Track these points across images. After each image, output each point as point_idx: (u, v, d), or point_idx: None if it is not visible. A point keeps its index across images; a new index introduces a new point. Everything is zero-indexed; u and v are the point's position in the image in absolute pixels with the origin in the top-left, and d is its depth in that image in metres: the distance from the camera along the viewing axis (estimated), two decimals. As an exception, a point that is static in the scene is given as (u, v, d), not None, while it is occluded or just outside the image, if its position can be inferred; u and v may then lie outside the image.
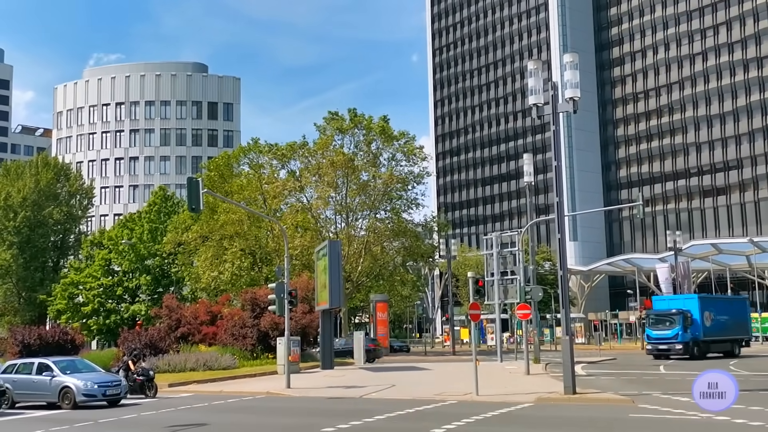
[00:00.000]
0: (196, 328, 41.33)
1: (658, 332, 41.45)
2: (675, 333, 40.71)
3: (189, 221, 56.76)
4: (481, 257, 54.92)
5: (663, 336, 41.09)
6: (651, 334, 42.19)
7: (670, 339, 40.75)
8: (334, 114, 55.28)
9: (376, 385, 25.71)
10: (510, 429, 15.04)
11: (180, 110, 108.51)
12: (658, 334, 41.45)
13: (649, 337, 42.56)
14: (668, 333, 40.91)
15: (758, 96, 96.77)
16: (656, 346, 41.34)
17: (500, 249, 36.87)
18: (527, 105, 23.40)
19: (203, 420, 17.46)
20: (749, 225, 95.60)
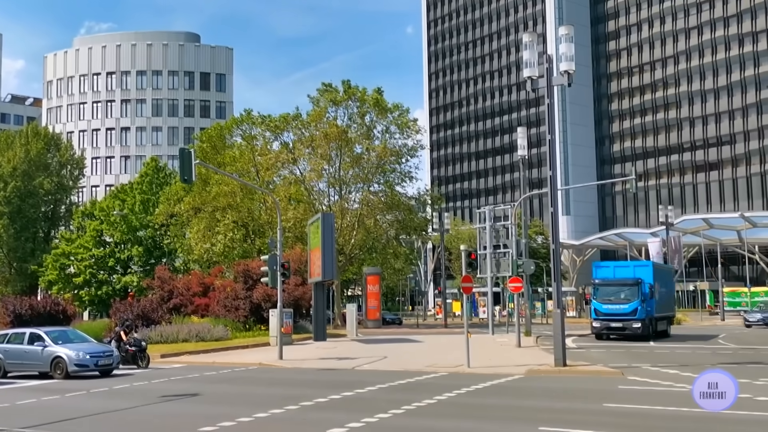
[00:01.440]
0: (189, 299, 41.38)
1: (611, 306, 34.02)
2: (633, 308, 33.42)
3: (181, 193, 56.53)
4: (474, 231, 54.98)
5: (617, 312, 33.79)
6: (600, 308, 34.46)
7: (627, 315, 33.43)
8: (327, 86, 54.90)
9: (369, 356, 25.84)
10: (500, 400, 15.15)
11: (172, 80, 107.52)
12: (610, 309, 34.05)
13: (597, 312, 34.63)
14: (625, 308, 33.58)
15: (752, 71, 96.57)
16: (607, 324, 34.04)
17: (493, 222, 36.89)
18: (522, 78, 23.29)
19: (195, 390, 17.52)
20: (740, 200, 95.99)
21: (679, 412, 13.01)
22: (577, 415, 12.89)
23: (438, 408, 13.84)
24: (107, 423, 13.20)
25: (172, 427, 11.98)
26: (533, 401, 14.97)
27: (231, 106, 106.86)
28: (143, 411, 14.48)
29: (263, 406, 13.95)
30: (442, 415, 13.16)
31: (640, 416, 12.63)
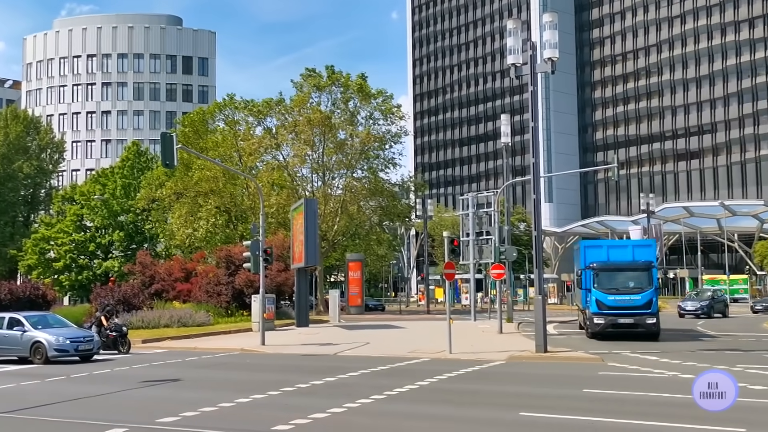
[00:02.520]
0: (171, 284, 41.18)
1: (619, 297, 25.95)
2: (648, 299, 25.80)
3: (163, 177, 56.18)
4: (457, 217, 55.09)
5: (628, 304, 25.81)
6: (605, 300, 26.07)
7: (639, 308, 25.73)
8: (311, 71, 54.63)
9: (351, 342, 25.89)
10: (482, 386, 15.24)
11: (154, 64, 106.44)
12: (618, 301, 25.89)
13: (601, 305, 26.08)
14: (637, 299, 25.79)
15: (734, 60, 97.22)
16: (614, 320, 25.79)
17: (476, 209, 36.96)
18: (506, 65, 23.26)
19: (177, 375, 17.48)
20: (721, 189, 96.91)
21: (658, 397, 13.16)
22: (557, 400, 13.00)
23: (419, 393, 13.91)
24: (87, 408, 13.14)
25: (153, 412, 11.94)
26: (514, 387, 15.08)
27: (214, 91, 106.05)
28: (124, 396, 14.42)
29: (245, 392, 13.94)
30: (423, 400, 13.22)
31: (619, 401, 12.76)
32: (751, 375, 15.89)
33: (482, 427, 10.73)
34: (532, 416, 11.31)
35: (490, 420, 11.20)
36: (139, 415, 11.89)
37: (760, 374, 16.00)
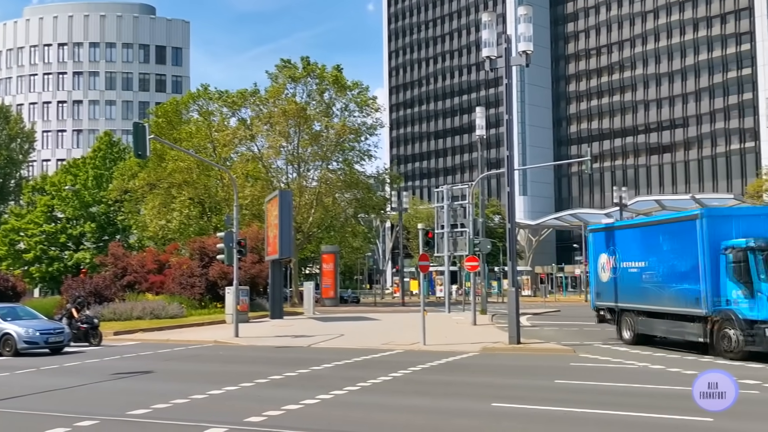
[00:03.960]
0: (143, 276, 40.84)
1: None
2: None
3: (136, 168, 55.59)
4: (432, 210, 55.30)
5: None
6: None
7: None
8: (286, 62, 54.33)
9: (325, 334, 25.87)
10: (455, 377, 15.31)
11: (126, 53, 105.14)
12: None
13: None
14: None
15: (705, 56, 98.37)
16: None
17: (451, 202, 37.09)
18: (481, 58, 23.32)
19: (149, 368, 17.34)
20: (692, 182, 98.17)
21: (628, 387, 13.31)
22: (529, 391, 13.11)
23: (393, 385, 13.94)
24: (57, 400, 12.99)
25: (125, 404, 11.84)
26: (487, 378, 15.17)
27: (187, 81, 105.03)
28: (95, 388, 14.27)
29: (217, 384, 13.87)
30: (397, 391, 13.25)
31: (590, 392, 12.89)
32: (720, 365, 16.14)
33: (455, 418, 10.78)
34: (504, 407, 11.39)
35: (463, 411, 11.26)
36: (110, 407, 11.78)
37: (729, 365, 16.26)
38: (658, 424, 10.04)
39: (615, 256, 22.01)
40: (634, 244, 21.30)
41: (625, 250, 21.57)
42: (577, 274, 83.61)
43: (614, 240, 22.40)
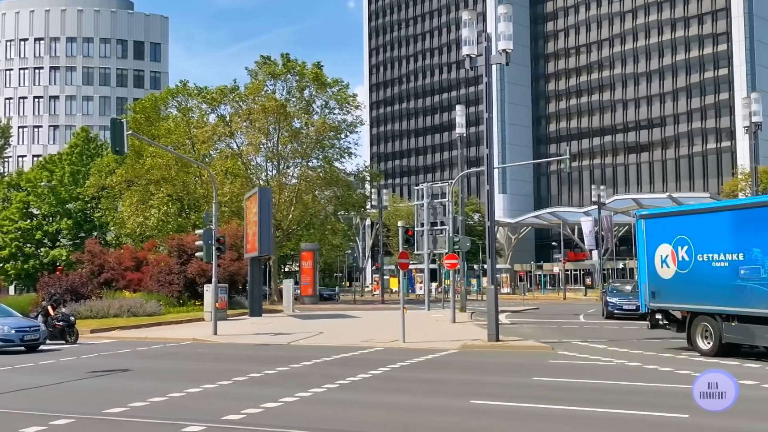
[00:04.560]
0: (121, 274, 40.48)
1: None
2: None
3: (113, 165, 55.12)
4: (412, 207, 55.37)
5: None
6: None
7: None
8: (266, 58, 54.13)
9: (304, 332, 25.81)
10: (434, 374, 15.35)
11: (104, 48, 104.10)
12: None
13: None
14: None
15: (683, 56, 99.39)
16: None
17: (431, 200, 37.14)
18: (461, 56, 23.35)
19: (126, 366, 17.20)
20: (669, 181, 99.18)
21: (606, 384, 13.42)
22: (507, 388, 13.17)
23: (373, 382, 13.94)
24: (33, 398, 12.83)
25: (102, 402, 11.72)
26: (466, 375, 15.22)
27: (166, 77, 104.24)
28: (71, 386, 14.13)
29: (196, 381, 13.78)
30: (376, 389, 13.26)
31: (567, 389, 12.98)
32: (695, 362, 16.34)
33: (434, 415, 10.80)
34: (483, 404, 11.43)
35: (442, 408, 11.29)
36: (86, 405, 11.66)
37: (704, 361, 16.45)
38: (635, 421, 10.13)
39: (685, 246, 18.03)
40: (721, 232, 17.15)
41: (704, 240, 17.55)
42: (555, 271, 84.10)
43: (684, 227, 18.29)
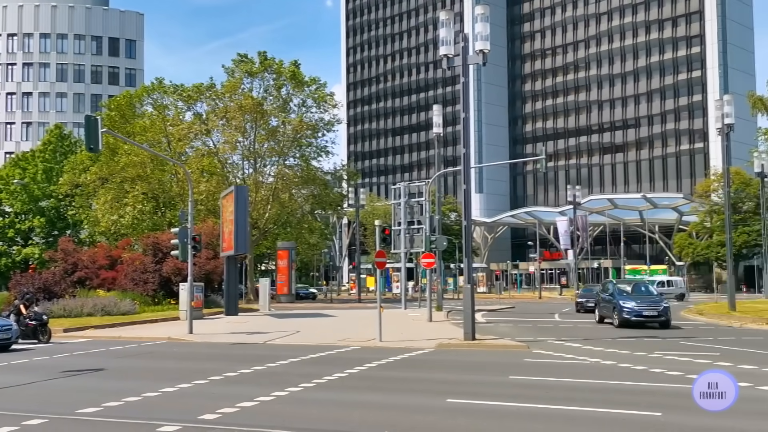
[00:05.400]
0: (95, 272, 40.09)
1: None
2: None
3: (87, 162, 54.58)
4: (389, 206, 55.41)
5: None
6: None
7: None
8: (243, 56, 53.90)
9: (280, 331, 25.73)
10: (410, 373, 15.38)
11: (78, 45, 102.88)
12: None
13: None
14: None
15: (657, 57, 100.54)
16: None
17: (408, 199, 37.19)
18: (439, 56, 23.42)
19: (99, 365, 17.03)
20: (643, 182, 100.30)
21: (580, 383, 13.54)
22: (483, 387, 13.23)
23: (349, 381, 13.93)
24: (5, 398, 12.65)
25: (75, 402, 11.59)
26: (442, 374, 15.28)
27: (141, 74, 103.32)
28: (43, 386, 13.96)
29: (171, 381, 13.69)
30: (352, 388, 13.26)
31: (542, 387, 13.07)
32: (668, 361, 16.53)
33: (410, 413, 10.83)
34: (459, 402, 11.48)
35: (418, 407, 11.32)
36: (60, 405, 11.53)
37: (677, 360, 16.65)
38: (609, 419, 10.23)
39: None
40: None
41: None
42: (531, 271, 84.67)
43: None
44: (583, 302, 37.84)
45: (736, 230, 62.66)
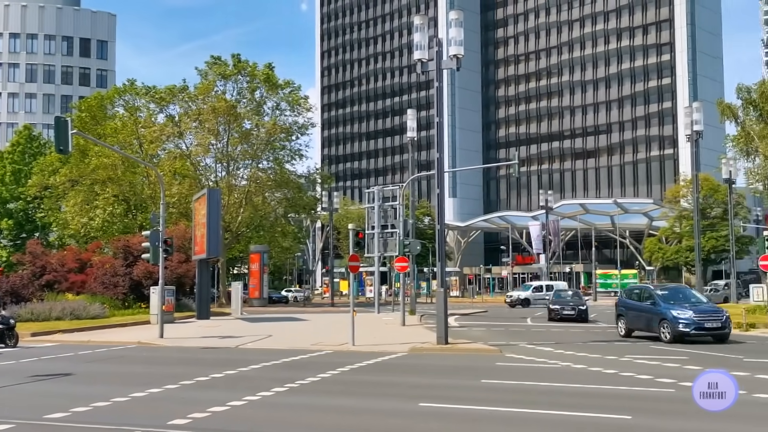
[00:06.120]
0: (63, 276, 39.55)
1: None
2: None
3: (57, 164, 53.85)
4: (363, 210, 55.40)
5: None
6: None
7: None
8: (216, 59, 53.60)
9: (253, 335, 25.58)
10: (383, 377, 15.37)
11: (49, 45, 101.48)
12: None
13: None
14: None
15: (628, 64, 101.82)
16: None
17: (382, 203, 37.28)
18: (413, 61, 23.49)
19: (68, 370, 16.78)
20: (614, 187, 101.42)
21: (552, 386, 13.63)
22: (456, 391, 13.26)
23: (321, 385, 13.89)
24: (-31, 405, 12.41)
25: (42, 407, 11.41)
26: (415, 378, 15.29)
27: (113, 75, 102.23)
28: (10, 391, 13.71)
29: (141, 386, 13.53)
30: (325, 392, 13.21)
31: (514, 391, 13.14)
32: (638, 365, 16.72)
33: (383, 418, 10.82)
34: (431, 407, 11.50)
35: (391, 411, 11.32)
36: (27, 411, 11.34)
37: (647, 364, 16.84)
38: (580, 422, 10.31)
39: None
40: None
41: None
42: (504, 275, 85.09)
43: None
44: (558, 309, 34.75)
45: (704, 235, 63.61)
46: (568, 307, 34.76)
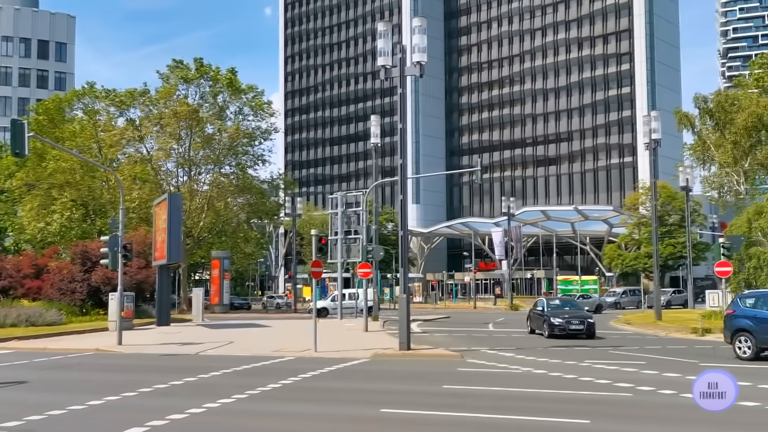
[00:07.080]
0: (19, 281, 38.72)
1: None
2: None
3: (13, 167, 52.78)
4: (327, 216, 55.27)
5: None
6: None
7: None
8: (178, 62, 53.14)
9: (214, 341, 25.32)
10: (345, 384, 15.34)
11: (6, 47, 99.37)
12: None
13: None
14: None
15: (589, 73, 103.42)
16: None
17: (345, 209, 37.26)
18: (377, 67, 23.54)
19: (23, 377, 16.40)
20: (575, 194, 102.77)
21: (512, 392, 13.74)
22: (417, 396, 13.29)
23: (283, 392, 13.80)
24: None
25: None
26: (377, 384, 15.29)
27: (72, 78, 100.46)
28: (-39, 401, 13.36)
29: (98, 393, 13.29)
30: (286, 399, 13.14)
31: (475, 396, 13.22)
32: (597, 369, 16.94)
33: (344, 424, 10.79)
34: (393, 412, 11.50)
35: (352, 417, 11.29)
36: (-22, 421, 11.05)
37: (605, 369, 17.07)
38: (539, 427, 10.41)
39: None
40: None
41: None
42: (466, 281, 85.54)
43: None
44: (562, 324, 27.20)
45: (662, 242, 64.76)
46: (575, 320, 27.26)
